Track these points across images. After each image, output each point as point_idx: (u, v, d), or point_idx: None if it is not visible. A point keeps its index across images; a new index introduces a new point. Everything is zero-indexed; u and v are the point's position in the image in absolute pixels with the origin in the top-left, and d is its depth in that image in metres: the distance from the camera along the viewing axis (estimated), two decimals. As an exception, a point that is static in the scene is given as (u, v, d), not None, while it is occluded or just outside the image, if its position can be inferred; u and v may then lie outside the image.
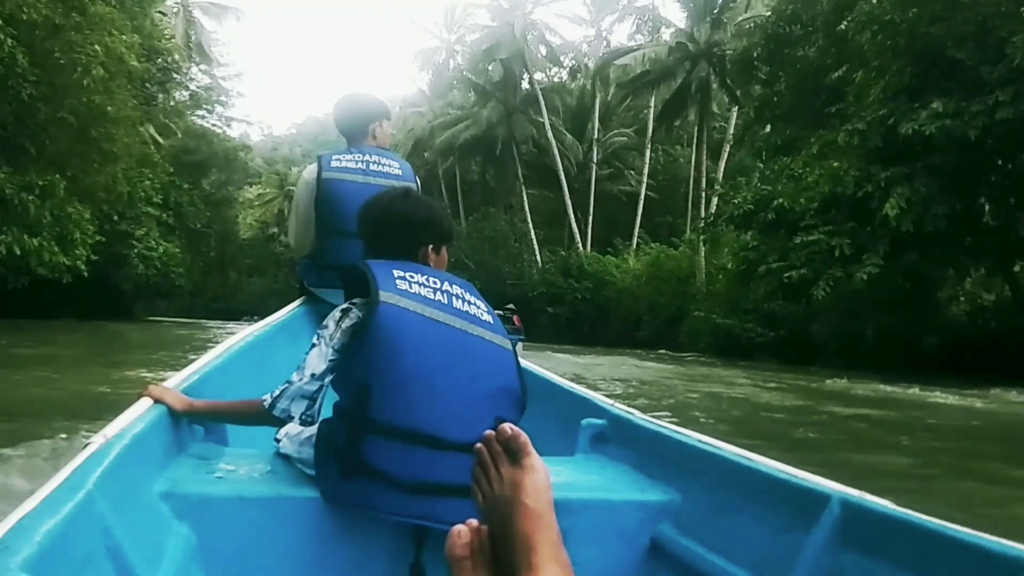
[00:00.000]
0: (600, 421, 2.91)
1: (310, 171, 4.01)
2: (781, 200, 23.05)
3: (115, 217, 36.01)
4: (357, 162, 3.93)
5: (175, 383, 2.48)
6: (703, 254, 39.21)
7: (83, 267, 26.99)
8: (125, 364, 14.28)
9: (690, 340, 36.57)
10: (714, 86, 41.25)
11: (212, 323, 50.27)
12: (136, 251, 39.47)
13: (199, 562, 1.91)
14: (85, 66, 22.91)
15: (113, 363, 14.69)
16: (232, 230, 57.06)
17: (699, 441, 2.38)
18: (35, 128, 23.77)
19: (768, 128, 29.22)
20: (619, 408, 2.93)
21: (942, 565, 1.51)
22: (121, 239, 37.60)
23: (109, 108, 24.36)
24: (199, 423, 2.47)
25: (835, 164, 22.09)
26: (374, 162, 3.95)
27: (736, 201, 25.04)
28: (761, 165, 40.33)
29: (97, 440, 1.80)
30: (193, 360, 2.82)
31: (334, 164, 3.91)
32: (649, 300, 42.92)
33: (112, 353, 19.01)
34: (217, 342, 3.31)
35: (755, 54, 27.82)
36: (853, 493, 1.80)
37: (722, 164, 43.69)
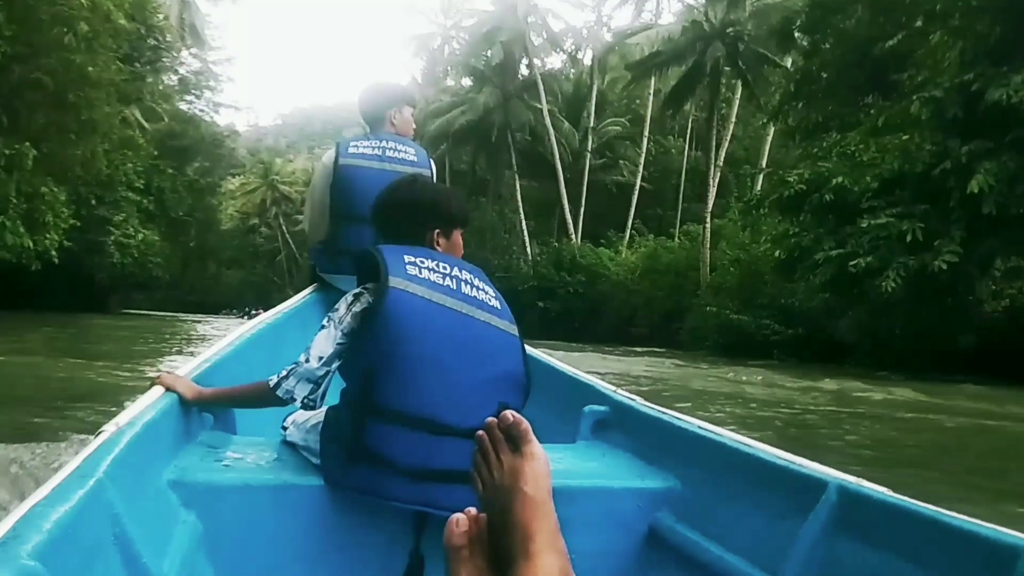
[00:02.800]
0: (602, 408, 2.82)
1: (328, 156, 3.93)
2: (841, 179, 20.15)
3: (93, 201, 34.00)
4: (373, 148, 3.84)
5: (186, 371, 2.41)
6: (708, 245, 36.38)
7: (54, 253, 24.76)
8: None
9: (693, 337, 33.82)
10: (725, 69, 38.58)
11: (202, 318, 47.02)
12: (113, 238, 36.80)
13: (205, 549, 1.88)
14: (67, 21, 19.81)
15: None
16: (214, 219, 54.40)
17: (699, 428, 2.31)
18: (7, 92, 20.61)
19: (799, 105, 26.37)
20: (621, 395, 2.84)
21: (937, 551, 1.48)
22: (98, 225, 35.17)
23: (91, 69, 21.22)
24: (209, 411, 2.40)
25: (904, 138, 19.32)
26: (390, 148, 3.85)
27: (791, 179, 21.90)
28: (768, 151, 38.20)
29: (109, 428, 1.76)
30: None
31: (351, 150, 3.83)
32: (645, 295, 40.27)
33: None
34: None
35: (798, 23, 25.02)
36: (850, 480, 1.76)
37: (722, 153, 40.90)
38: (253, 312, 67.22)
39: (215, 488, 1.96)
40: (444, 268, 2.15)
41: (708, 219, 36.73)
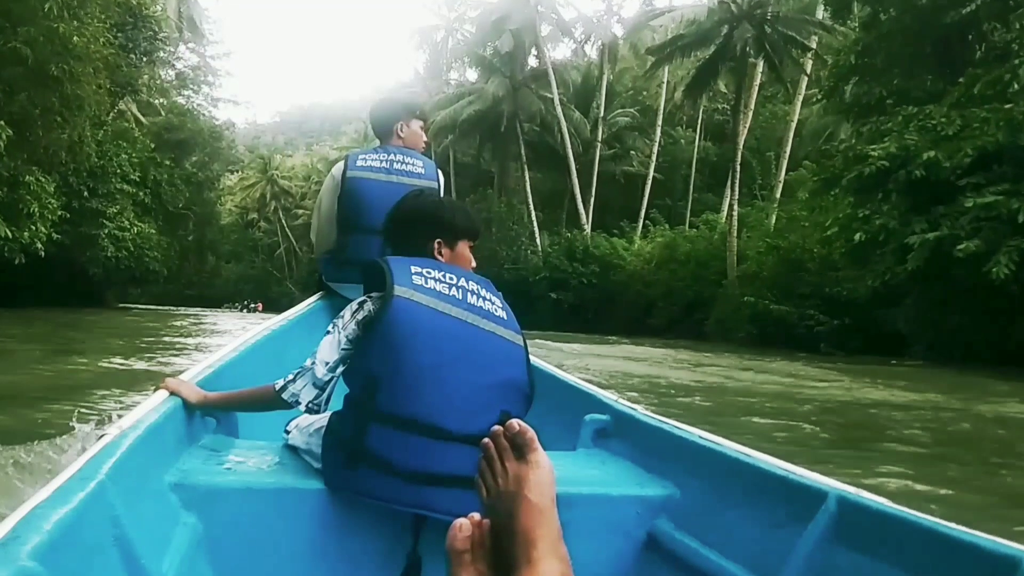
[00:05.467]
0: (603, 416, 2.77)
1: (337, 168, 3.89)
2: (932, 153, 17.13)
3: (85, 193, 31.87)
4: (381, 161, 3.79)
5: (191, 376, 2.41)
6: (735, 233, 33.22)
7: (40, 245, 22.64)
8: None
9: (721, 328, 31.05)
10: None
11: (201, 311, 44.16)
12: (107, 231, 34.11)
13: (204, 551, 1.86)
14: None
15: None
16: (213, 212, 51.24)
17: (699, 437, 2.25)
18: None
19: (852, 81, 23.43)
20: (623, 404, 2.79)
21: (936, 563, 1.43)
22: (90, 217, 32.78)
23: (76, 39, 18.09)
24: (212, 415, 2.40)
25: (1008, 106, 16.36)
26: (398, 161, 3.79)
27: (875, 154, 18.55)
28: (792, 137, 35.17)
29: (112, 431, 1.75)
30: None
31: (359, 163, 3.80)
32: (664, 285, 37.36)
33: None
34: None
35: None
36: (850, 490, 1.70)
37: (741, 139, 37.36)
38: (252, 305, 65.20)
39: (216, 490, 1.93)
40: (451, 279, 2.14)
41: (736, 207, 33.53)
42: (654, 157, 46.30)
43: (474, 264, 2.40)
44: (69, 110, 19.80)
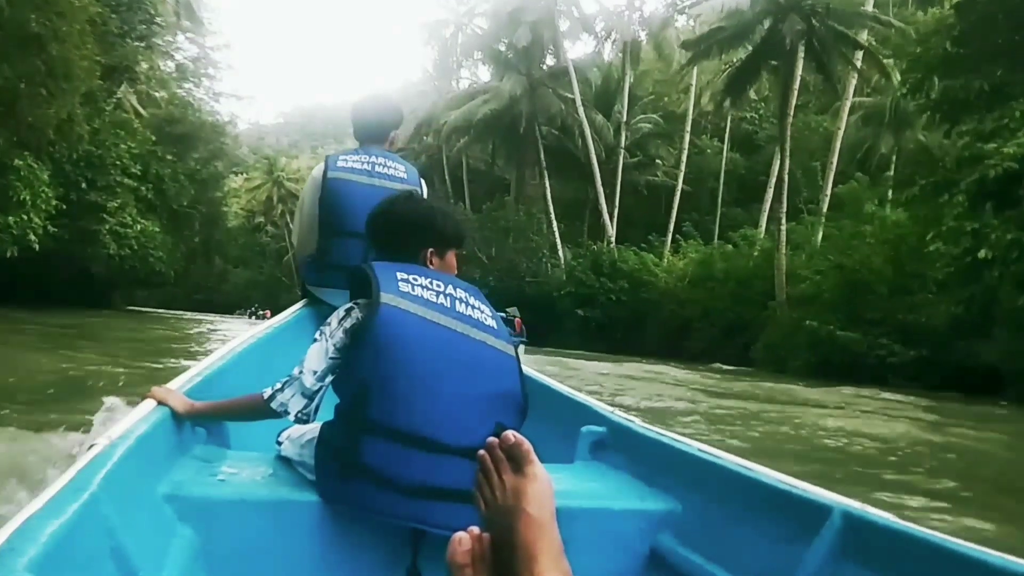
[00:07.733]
0: (600, 428, 2.66)
1: (318, 169, 3.72)
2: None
3: (83, 184, 29.45)
4: (363, 163, 3.64)
5: (178, 385, 2.29)
6: (784, 250, 29.90)
7: (34, 238, 20.96)
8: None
9: (772, 354, 27.44)
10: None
11: (215, 318, 41.71)
12: (108, 227, 31.50)
13: (201, 564, 1.77)
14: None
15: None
16: (219, 212, 48.04)
17: (700, 450, 2.16)
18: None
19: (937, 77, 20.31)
20: (619, 416, 2.67)
21: None
22: (90, 211, 30.22)
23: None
24: (201, 425, 2.27)
25: None
26: (379, 164, 3.65)
27: (1008, 151, 15.36)
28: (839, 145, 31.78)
29: (102, 442, 1.68)
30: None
31: (340, 164, 3.63)
32: (701, 305, 34.02)
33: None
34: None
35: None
36: (855, 505, 1.64)
37: (786, 146, 33.96)
38: (260, 312, 62.20)
39: (211, 503, 1.85)
40: (438, 286, 2.02)
41: (783, 221, 30.21)
42: (683, 166, 42.92)
43: (455, 273, 2.24)
44: (55, 80, 16.87)
